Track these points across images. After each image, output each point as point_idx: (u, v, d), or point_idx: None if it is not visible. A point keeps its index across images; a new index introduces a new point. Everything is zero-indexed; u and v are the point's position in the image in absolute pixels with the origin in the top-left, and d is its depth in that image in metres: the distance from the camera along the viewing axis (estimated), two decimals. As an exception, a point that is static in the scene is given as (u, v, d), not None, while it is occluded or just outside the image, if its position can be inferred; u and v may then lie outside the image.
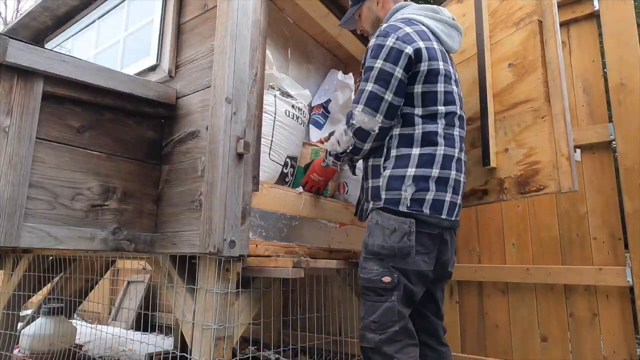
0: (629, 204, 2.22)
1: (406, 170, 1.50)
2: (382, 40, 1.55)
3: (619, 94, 2.30)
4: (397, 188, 1.50)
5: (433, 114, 1.54)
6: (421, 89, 1.54)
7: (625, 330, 2.20)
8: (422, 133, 1.52)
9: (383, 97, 1.51)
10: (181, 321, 1.62)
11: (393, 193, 1.51)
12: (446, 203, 1.52)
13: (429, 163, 1.51)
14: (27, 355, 2.48)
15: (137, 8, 2.15)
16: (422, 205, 1.49)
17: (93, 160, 1.58)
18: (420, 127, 1.53)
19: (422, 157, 1.51)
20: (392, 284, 1.47)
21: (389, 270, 1.48)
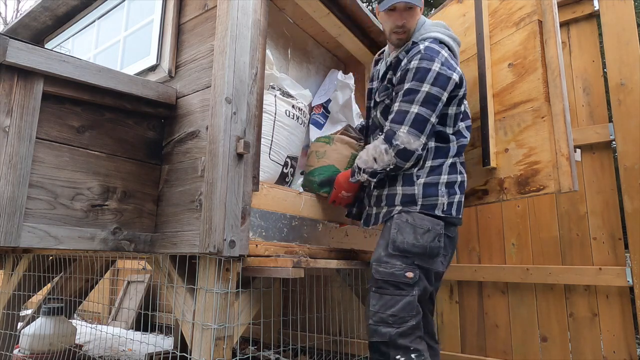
0: (629, 204, 2.22)
1: (439, 178, 1.65)
2: (427, 64, 1.59)
3: (619, 94, 2.30)
4: (434, 194, 1.63)
5: (458, 131, 1.72)
6: (455, 110, 1.69)
7: (625, 330, 2.21)
8: (457, 146, 1.70)
9: (429, 119, 1.60)
10: (181, 321, 1.62)
11: (431, 199, 1.63)
12: (462, 204, 1.70)
13: (454, 171, 1.68)
14: (27, 355, 2.48)
15: (137, 8, 2.15)
16: (451, 209, 1.64)
17: (93, 160, 1.58)
18: (456, 142, 1.70)
19: (452, 166, 1.68)
20: (414, 280, 1.55)
21: (412, 267, 1.57)
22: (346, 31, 2.64)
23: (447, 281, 2.79)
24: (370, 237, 2.47)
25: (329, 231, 2.52)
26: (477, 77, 1.93)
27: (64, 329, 2.60)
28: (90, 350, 3.25)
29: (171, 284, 1.68)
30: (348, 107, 2.63)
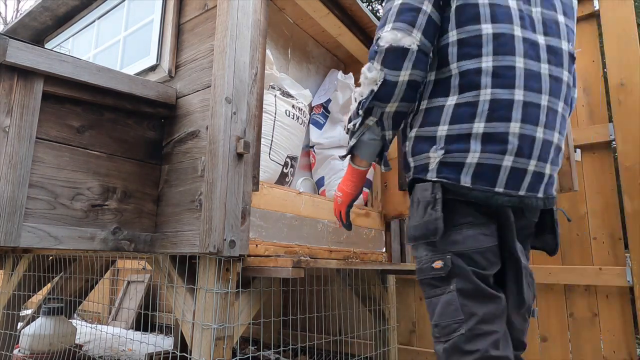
0: (629, 204, 2.22)
1: (436, 128, 1.12)
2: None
3: (619, 94, 2.30)
4: (424, 151, 1.13)
5: (475, 37, 1.08)
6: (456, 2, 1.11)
7: (625, 330, 2.21)
8: (459, 73, 1.10)
9: (420, 7, 1.10)
10: (181, 321, 1.62)
11: (419, 158, 1.15)
12: (503, 170, 1.06)
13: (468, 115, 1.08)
14: (27, 355, 2.48)
15: (137, 8, 2.15)
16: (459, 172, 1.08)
17: (93, 160, 1.58)
18: (457, 65, 1.10)
19: (459, 107, 1.09)
20: (446, 269, 1.08)
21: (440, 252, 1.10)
22: (346, 31, 2.64)
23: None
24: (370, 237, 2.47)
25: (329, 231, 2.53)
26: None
27: (64, 329, 2.60)
28: (90, 350, 3.25)
29: (171, 284, 1.68)
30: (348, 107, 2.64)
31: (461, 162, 1.08)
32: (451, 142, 1.09)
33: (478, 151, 1.07)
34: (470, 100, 1.08)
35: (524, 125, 1.06)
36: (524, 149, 1.07)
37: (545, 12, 1.14)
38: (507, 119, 1.06)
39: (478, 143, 1.07)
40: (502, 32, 1.08)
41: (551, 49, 1.12)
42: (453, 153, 1.09)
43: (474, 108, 1.07)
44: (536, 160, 1.09)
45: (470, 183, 1.07)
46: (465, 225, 1.09)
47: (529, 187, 1.10)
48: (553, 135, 1.12)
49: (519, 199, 1.09)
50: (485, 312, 1.06)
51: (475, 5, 1.09)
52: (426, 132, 1.14)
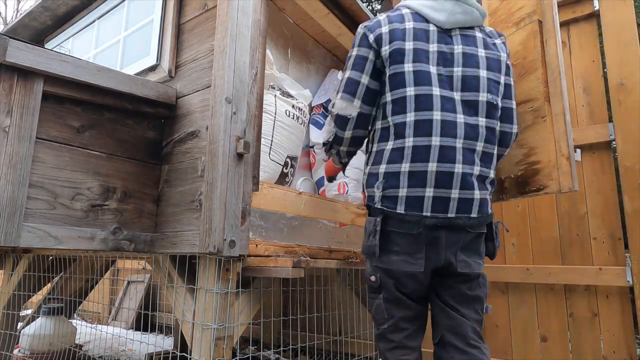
0: (629, 204, 2.22)
1: (379, 167, 1.43)
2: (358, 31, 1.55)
3: (619, 94, 2.30)
4: (372, 185, 1.45)
5: (401, 98, 1.40)
6: (389, 71, 1.44)
7: (625, 330, 2.21)
8: (392, 125, 1.42)
9: (359, 80, 1.46)
10: (181, 321, 1.62)
11: (370, 190, 1.47)
12: (427, 199, 1.36)
13: (398, 157, 1.39)
14: (27, 355, 2.48)
15: (137, 8, 2.15)
16: (395, 202, 1.39)
17: (93, 160, 1.58)
18: (392, 119, 1.42)
19: (393, 151, 1.41)
20: (377, 283, 1.46)
21: (374, 270, 1.48)
22: (346, 31, 2.64)
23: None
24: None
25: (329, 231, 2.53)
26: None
27: (64, 329, 2.60)
28: (90, 350, 3.25)
29: (171, 284, 1.68)
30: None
31: (395, 195, 1.40)
32: (387, 178, 1.41)
33: (406, 187, 1.38)
34: (400, 146, 1.40)
35: (440, 164, 1.36)
36: (444, 182, 1.36)
37: (467, 70, 1.43)
38: (425, 160, 1.36)
39: (405, 179, 1.38)
40: (422, 93, 1.39)
41: (466, 103, 1.42)
42: (389, 189, 1.40)
43: (402, 152, 1.39)
44: (458, 189, 1.37)
45: (404, 210, 1.38)
46: (393, 252, 1.42)
47: (457, 210, 1.38)
48: (473, 169, 1.39)
49: (448, 220, 1.37)
50: (402, 315, 1.45)
51: (402, 73, 1.42)
52: (374, 170, 1.46)
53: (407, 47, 1.43)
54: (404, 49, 1.43)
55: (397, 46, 1.43)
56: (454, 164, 1.36)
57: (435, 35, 1.46)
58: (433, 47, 1.44)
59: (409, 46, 1.43)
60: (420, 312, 1.49)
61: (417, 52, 1.42)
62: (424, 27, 1.47)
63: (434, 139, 1.37)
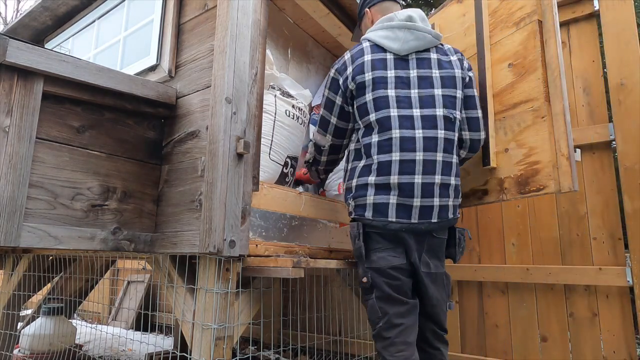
0: (629, 204, 2.22)
1: (352, 181, 1.65)
2: (330, 71, 1.76)
3: (619, 94, 2.30)
4: (348, 198, 1.67)
5: (368, 124, 1.62)
6: (356, 103, 1.66)
7: (625, 330, 2.20)
8: (362, 146, 1.63)
9: (330, 120, 1.75)
10: (181, 321, 1.62)
11: (348, 203, 1.68)
12: (391, 205, 1.54)
13: (367, 172, 1.60)
14: (27, 355, 2.48)
15: (137, 8, 2.15)
16: (364, 210, 1.59)
17: (93, 160, 1.58)
18: (361, 142, 1.64)
19: (364, 168, 1.62)
20: (369, 284, 1.58)
21: (365, 272, 1.60)
22: (346, 31, 2.64)
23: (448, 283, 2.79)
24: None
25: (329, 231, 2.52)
26: (476, 77, 1.93)
27: (64, 329, 2.60)
28: (90, 350, 3.25)
29: (171, 284, 1.68)
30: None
31: (364, 203, 1.59)
32: (358, 189, 1.61)
33: (372, 195, 1.57)
34: (368, 163, 1.60)
35: (401, 176, 1.54)
36: (406, 191, 1.54)
37: (422, 92, 1.62)
38: (388, 173, 1.55)
39: (372, 189, 1.57)
40: (382, 116, 1.59)
41: (425, 118, 1.58)
42: (359, 198, 1.60)
43: (370, 167, 1.59)
44: (419, 197, 1.54)
45: (371, 216, 1.57)
46: (377, 249, 1.59)
47: (420, 216, 1.55)
48: (434, 178, 1.55)
49: (410, 225, 1.54)
50: (395, 311, 1.54)
51: (365, 103, 1.62)
52: (349, 184, 1.67)
53: (367, 78, 1.63)
54: (364, 81, 1.63)
55: (359, 80, 1.64)
56: (413, 175, 1.54)
57: (393, 63, 1.65)
58: (391, 73, 1.63)
59: (369, 77, 1.62)
60: (412, 307, 1.58)
61: (375, 81, 1.61)
62: (382, 56, 1.65)
63: (394, 154, 1.55)
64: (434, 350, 1.64)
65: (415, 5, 5.04)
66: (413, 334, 1.56)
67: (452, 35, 2.13)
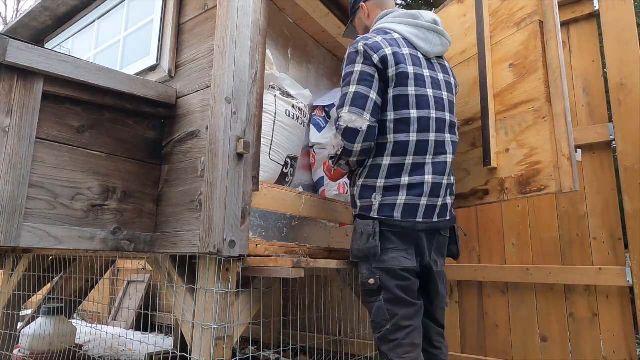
0: (629, 204, 2.22)
1: (376, 181, 1.57)
2: (354, 47, 1.61)
3: (619, 94, 2.30)
4: (367, 197, 1.58)
5: (406, 119, 1.55)
6: (393, 92, 1.56)
7: (625, 330, 2.20)
8: (393, 142, 1.55)
9: (368, 95, 1.55)
10: (181, 321, 1.62)
11: (365, 201, 1.59)
12: (421, 207, 1.55)
13: (398, 172, 1.55)
14: (27, 355, 2.48)
15: (137, 8, 2.15)
16: (393, 210, 1.54)
17: (93, 160, 1.58)
18: (392, 137, 1.55)
19: (392, 167, 1.55)
20: (376, 285, 1.54)
21: (372, 273, 1.55)
22: (346, 31, 2.63)
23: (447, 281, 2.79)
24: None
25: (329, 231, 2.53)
26: (477, 78, 1.93)
27: (64, 329, 2.60)
28: (90, 350, 3.25)
29: (171, 284, 1.68)
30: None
31: (393, 203, 1.54)
32: (387, 190, 1.55)
33: (404, 196, 1.54)
34: (400, 162, 1.55)
35: (435, 176, 1.56)
36: (435, 192, 1.57)
37: (449, 95, 1.67)
38: (422, 174, 1.55)
39: (404, 190, 1.54)
40: (424, 116, 1.57)
41: (451, 124, 1.65)
42: (388, 197, 1.55)
43: (401, 167, 1.55)
44: (443, 197, 1.59)
45: (400, 217, 1.54)
46: (390, 249, 1.54)
47: (439, 215, 1.59)
48: (450, 179, 1.63)
49: (433, 224, 1.58)
50: (403, 313, 1.52)
51: (406, 95, 1.56)
52: (369, 182, 1.59)
53: (409, 71, 1.57)
54: (407, 73, 1.57)
55: (402, 70, 1.56)
56: (443, 177, 1.58)
57: (425, 62, 1.65)
58: (426, 72, 1.63)
59: (411, 70, 1.58)
60: (419, 309, 1.57)
61: (417, 77, 1.58)
62: (415, 53, 1.64)
63: (428, 157, 1.57)
64: (435, 350, 1.65)
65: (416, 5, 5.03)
66: (420, 335, 1.56)
67: (453, 36, 2.13)
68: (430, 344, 1.65)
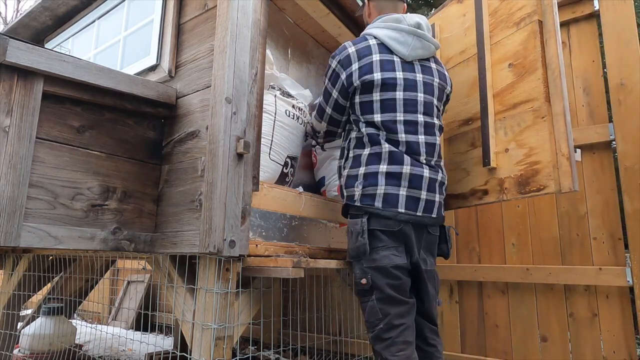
0: (629, 204, 2.22)
1: (359, 169, 1.65)
2: (331, 61, 1.76)
3: (619, 94, 2.30)
4: (352, 185, 1.65)
5: (371, 122, 1.65)
6: (359, 99, 1.69)
7: (625, 330, 2.20)
8: (367, 135, 1.65)
9: (325, 110, 1.81)
10: (181, 321, 1.62)
11: (349, 190, 1.66)
12: (401, 197, 1.58)
13: (376, 160, 1.62)
14: (27, 355, 2.48)
15: (137, 8, 2.15)
16: (373, 200, 1.59)
17: (93, 160, 1.58)
18: (365, 130, 1.66)
19: (371, 155, 1.63)
20: (368, 285, 1.57)
21: (364, 272, 1.59)
22: (346, 31, 2.64)
23: (446, 281, 2.79)
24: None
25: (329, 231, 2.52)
26: (477, 77, 1.93)
27: (64, 329, 2.60)
28: (90, 350, 3.25)
29: (171, 284, 1.68)
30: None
31: (373, 193, 1.59)
32: (367, 177, 1.61)
33: (383, 185, 1.59)
34: (377, 151, 1.62)
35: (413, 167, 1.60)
36: (415, 183, 1.60)
37: (426, 97, 1.70)
38: (400, 163, 1.59)
39: (383, 178, 1.59)
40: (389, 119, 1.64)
41: (427, 124, 1.68)
42: (368, 187, 1.60)
43: (379, 155, 1.62)
44: (426, 191, 1.62)
45: (381, 207, 1.57)
46: (379, 248, 1.58)
47: (424, 209, 1.61)
48: (437, 175, 1.66)
49: (416, 218, 1.59)
50: (396, 312, 1.55)
51: (370, 102, 1.66)
52: (353, 172, 1.67)
53: (375, 78, 1.65)
54: (373, 80, 1.65)
55: (367, 80, 1.65)
56: (421, 169, 1.62)
57: (400, 65, 1.69)
58: (400, 74, 1.67)
59: (378, 77, 1.65)
60: (411, 306, 1.60)
61: (385, 82, 1.65)
62: (389, 57, 1.69)
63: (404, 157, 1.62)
64: (430, 348, 1.67)
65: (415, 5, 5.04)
66: (412, 333, 1.58)
67: (452, 36, 2.13)
68: (425, 342, 1.67)
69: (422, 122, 1.67)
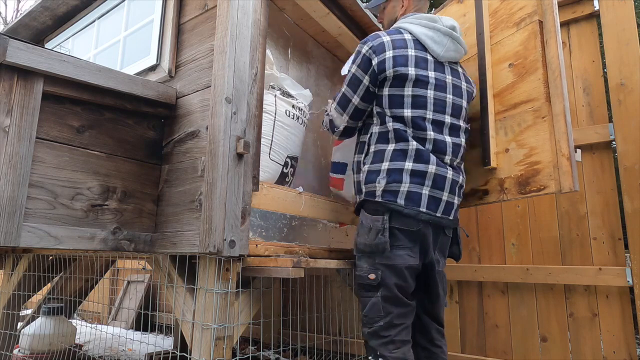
0: (629, 204, 2.22)
1: (381, 164, 1.61)
2: (360, 47, 1.70)
3: (619, 94, 2.30)
4: (373, 181, 1.62)
5: (400, 117, 1.62)
6: (388, 91, 1.64)
7: (625, 330, 2.20)
8: (393, 130, 1.62)
9: (351, 99, 1.72)
10: (181, 321, 1.62)
11: (370, 186, 1.63)
12: (424, 196, 1.57)
13: (402, 156, 1.59)
14: (27, 355, 2.48)
15: (137, 8, 2.15)
16: (396, 197, 1.57)
17: (93, 160, 1.58)
18: (391, 125, 1.62)
19: (396, 151, 1.60)
20: (377, 281, 1.56)
21: (375, 268, 1.57)
22: (346, 31, 2.64)
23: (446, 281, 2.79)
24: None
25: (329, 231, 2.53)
26: (477, 77, 1.93)
27: (64, 329, 2.60)
28: (90, 350, 3.25)
29: (171, 284, 1.68)
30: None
31: (397, 190, 1.57)
32: (390, 173, 1.59)
33: (408, 182, 1.57)
34: (403, 148, 1.60)
35: (438, 168, 1.59)
36: (438, 184, 1.59)
37: (455, 99, 1.70)
38: (426, 162, 1.58)
39: (407, 176, 1.57)
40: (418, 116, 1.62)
41: (453, 126, 1.68)
42: (391, 184, 1.57)
43: (405, 152, 1.59)
44: (448, 192, 1.62)
45: (403, 204, 1.56)
46: (396, 247, 1.56)
47: (443, 211, 1.61)
48: (459, 177, 1.66)
49: (435, 218, 1.59)
50: (397, 312, 1.56)
51: (401, 95, 1.62)
52: (374, 167, 1.63)
53: (410, 72, 1.62)
54: (407, 74, 1.62)
55: (401, 72, 1.61)
56: (445, 169, 1.61)
57: (433, 64, 1.68)
58: (432, 74, 1.65)
59: (412, 72, 1.62)
60: (412, 309, 1.62)
61: (418, 78, 1.62)
62: (424, 55, 1.67)
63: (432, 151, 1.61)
64: (436, 349, 1.68)
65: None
66: (409, 333, 1.60)
67: (452, 35, 2.13)
68: (431, 342, 1.68)
69: (449, 123, 1.66)
